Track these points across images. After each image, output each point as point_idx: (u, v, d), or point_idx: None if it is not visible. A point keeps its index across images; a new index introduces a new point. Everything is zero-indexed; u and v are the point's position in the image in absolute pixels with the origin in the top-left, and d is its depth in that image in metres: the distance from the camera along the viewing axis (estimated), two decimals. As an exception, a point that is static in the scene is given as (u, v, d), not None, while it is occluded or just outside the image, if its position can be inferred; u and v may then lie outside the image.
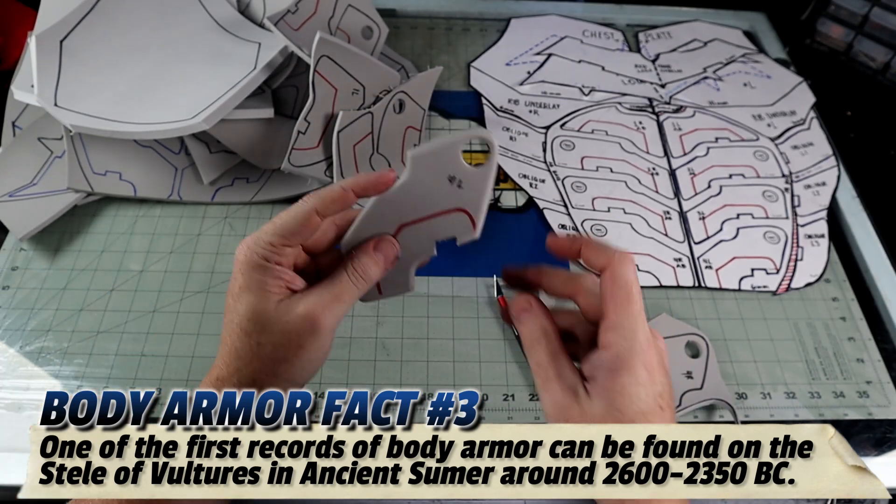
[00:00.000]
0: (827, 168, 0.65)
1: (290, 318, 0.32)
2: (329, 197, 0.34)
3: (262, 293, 0.33)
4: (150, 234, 0.57)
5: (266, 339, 0.32)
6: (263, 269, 0.33)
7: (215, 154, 0.59)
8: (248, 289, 0.33)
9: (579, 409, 0.32)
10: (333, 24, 0.59)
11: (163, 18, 0.56)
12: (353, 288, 0.34)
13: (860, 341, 0.54)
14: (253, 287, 0.33)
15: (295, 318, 0.32)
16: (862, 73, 0.79)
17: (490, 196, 0.34)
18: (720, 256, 0.58)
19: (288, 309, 0.33)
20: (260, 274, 0.33)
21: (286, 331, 0.33)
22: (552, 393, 0.33)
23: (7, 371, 0.49)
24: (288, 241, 0.33)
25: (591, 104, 0.70)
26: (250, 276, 0.33)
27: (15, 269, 0.55)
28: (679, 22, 0.81)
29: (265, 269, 0.33)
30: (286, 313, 0.33)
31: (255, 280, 0.33)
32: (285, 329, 0.32)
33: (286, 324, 0.32)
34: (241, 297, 0.33)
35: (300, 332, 0.33)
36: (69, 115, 0.49)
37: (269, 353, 0.33)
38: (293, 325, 0.33)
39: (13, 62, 0.66)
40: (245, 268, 0.33)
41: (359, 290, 0.34)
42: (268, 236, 0.33)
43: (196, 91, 0.52)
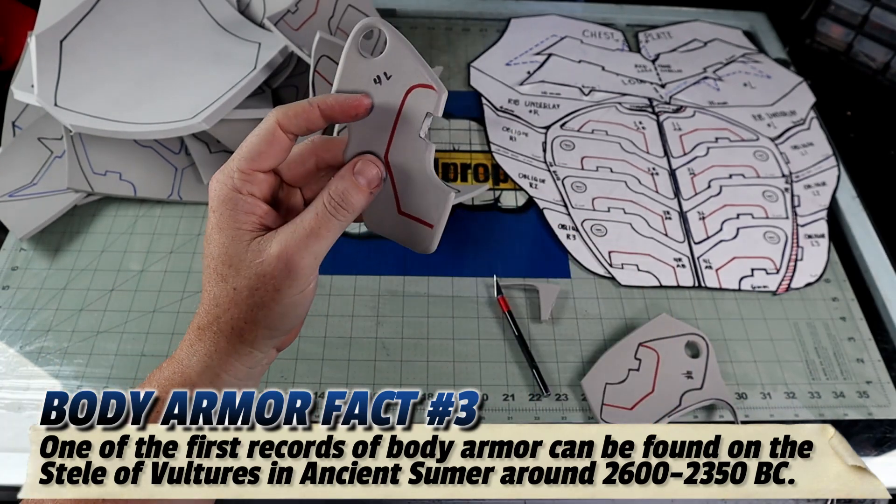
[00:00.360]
0: (827, 168, 0.65)
1: (263, 259, 0.30)
2: (293, 110, 0.30)
3: (234, 232, 0.30)
4: (150, 234, 0.57)
5: (241, 283, 0.30)
6: (234, 202, 0.30)
7: (215, 154, 0.59)
8: (219, 228, 0.30)
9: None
10: (333, 24, 0.59)
11: (163, 18, 0.56)
12: (332, 220, 0.31)
13: (860, 341, 0.54)
14: (224, 226, 0.30)
15: (268, 258, 0.30)
16: (862, 73, 0.79)
17: (417, 58, 0.33)
18: (720, 256, 0.58)
19: (260, 248, 0.30)
20: (230, 209, 0.30)
21: (260, 273, 0.30)
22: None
23: (7, 371, 0.49)
24: (258, 164, 0.30)
25: (591, 104, 0.70)
26: (221, 212, 0.30)
27: (15, 269, 0.55)
28: (679, 22, 0.81)
29: (236, 202, 0.30)
30: (258, 253, 0.30)
31: (227, 217, 0.30)
32: (259, 272, 0.30)
33: (259, 265, 0.30)
34: (213, 239, 0.30)
35: (274, 273, 0.30)
36: (69, 115, 0.49)
37: (246, 298, 0.30)
38: (266, 266, 0.30)
39: (13, 62, 0.66)
40: (216, 204, 0.30)
41: (339, 223, 0.31)
42: (235, 163, 0.30)
43: (196, 91, 0.52)
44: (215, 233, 0.30)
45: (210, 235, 0.31)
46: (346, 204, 0.31)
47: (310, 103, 0.31)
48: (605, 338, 0.53)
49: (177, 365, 0.32)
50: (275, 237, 0.30)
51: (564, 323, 0.54)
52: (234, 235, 0.30)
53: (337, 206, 0.31)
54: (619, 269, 0.56)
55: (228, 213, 0.30)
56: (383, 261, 0.57)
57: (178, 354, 0.33)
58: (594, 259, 0.57)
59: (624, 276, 0.56)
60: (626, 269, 0.56)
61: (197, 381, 0.31)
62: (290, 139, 0.31)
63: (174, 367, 0.32)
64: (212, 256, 0.31)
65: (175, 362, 0.33)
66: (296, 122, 0.31)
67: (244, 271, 0.30)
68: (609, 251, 0.57)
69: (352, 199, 0.31)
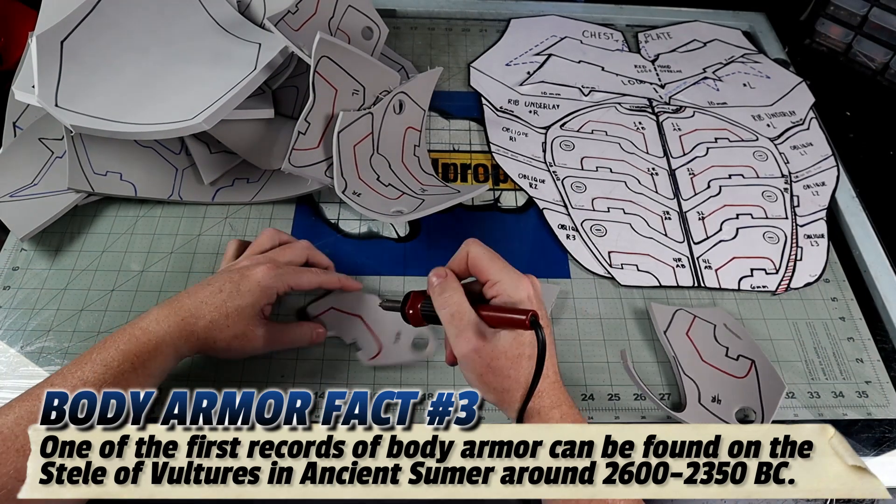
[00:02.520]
0: (826, 168, 0.66)
1: (253, 331, 0.45)
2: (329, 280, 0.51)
3: (254, 307, 0.45)
4: (150, 235, 0.57)
5: (233, 329, 0.44)
6: (270, 295, 0.46)
7: (216, 154, 0.59)
8: (252, 302, 0.45)
9: (491, 346, 0.39)
10: (334, 25, 0.59)
11: (163, 19, 0.56)
12: (290, 344, 0.49)
13: (859, 341, 0.54)
14: (255, 301, 0.45)
15: (256, 335, 0.46)
16: (861, 74, 0.79)
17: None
18: (720, 256, 0.58)
19: (256, 324, 0.45)
20: (267, 297, 0.46)
21: (241, 333, 0.45)
22: (467, 338, 0.39)
23: (8, 371, 0.49)
24: (293, 286, 0.47)
25: (590, 104, 0.70)
26: (259, 294, 0.45)
27: (16, 269, 0.55)
28: (678, 22, 0.81)
29: (270, 295, 0.46)
30: (253, 325, 0.45)
31: (261, 299, 0.45)
32: (244, 332, 0.45)
33: (247, 329, 0.45)
34: (243, 296, 0.45)
35: (251, 339, 0.45)
36: (70, 116, 0.49)
37: (227, 337, 0.44)
38: (251, 334, 0.45)
39: (14, 62, 0.66)
40: (262, 287, 0.45)
41: (292, 344, 0.49)
42: (285, 286, 0.46)
43: (196, 91, 0.52)
44: (248, 296, 0.45)
45: (241, 290, 0.45)
46: (301, 342, 0.50)
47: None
48: (604, 338, 0.53)
49: (139, 331, 0.42)
50: (266, 327, 0.46)
51: (564, 323, 0.54)
52: (253, 306, 0.45)
53: (297, 341, 0.49)
54: (619, 269, 0.56)
55: (265, 299, 0.45)
56: (383, 260, 0.57)
57: (143, 323, 0.43)
58: (594, 259, 0.57)
59: (624, 277, 0.56)
60: (626, 269, 0.56)
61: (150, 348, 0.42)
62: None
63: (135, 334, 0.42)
64: (232, 300, 0.45)
65: (140, 330, 0.42)
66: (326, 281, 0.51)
67: (239, 325, 0.45)
68: (609, 251, 0.57)
69: (306, 341, 0.50)
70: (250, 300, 0.44)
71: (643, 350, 0.52)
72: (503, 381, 0.39)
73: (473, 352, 0.39)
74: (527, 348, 0.39)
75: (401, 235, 0.59)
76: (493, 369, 0.39)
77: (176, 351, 0.43)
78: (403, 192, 0.57)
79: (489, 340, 0.39)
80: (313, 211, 0.60)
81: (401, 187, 0.57)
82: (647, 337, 0.53)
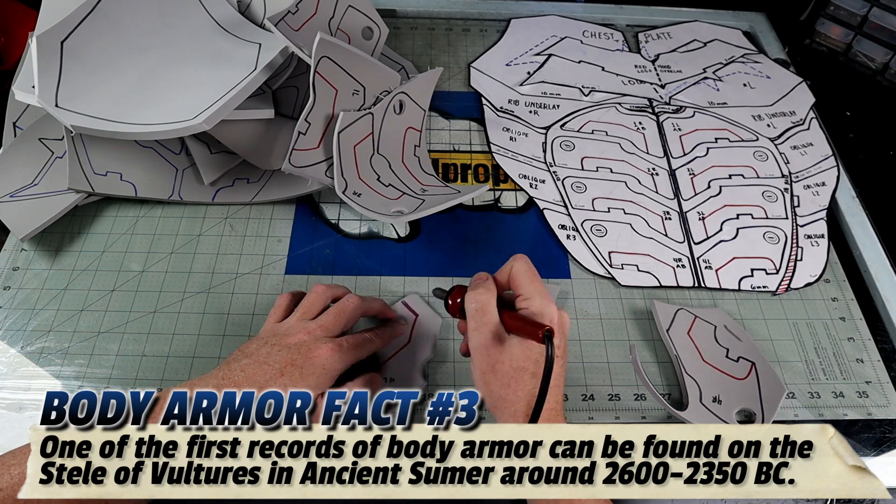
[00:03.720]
0: (826, 168, 0.66)
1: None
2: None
3: (319, 391, 0.42)
4: (150, 235, 0.57)
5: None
6: (332, 378, 0.42)
7: (216, 155, 0.59)
8: (315, 384, 0.41)
9: (501, 349, 0.40)
10: (334, 25, 0.59)
11: (163, 19, 0.56)
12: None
13: (859, 341, 0.54)
14: (319, 388, 0.41)
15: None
16: (861, 74, 0.79)
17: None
18: (720, 257, 0.58)
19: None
20: (329, 378, 0.42)
21: None
22: (482, 334, 0.41)
23: (8, 371, 0.49)
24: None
25: (591, 104, 0.70)
26: (325, 379, 0.42)
27: (16, 269, 0.55)
28: (679, 22, 0.81)
29: (332, 377, 0.42)
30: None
31: (323, 385, 0.42)
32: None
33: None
34: (306, 380, 0.41)
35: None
36: (70, 116, 0.49)
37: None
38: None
39: (14, 62, 0.66)
40: (326, 371, 0.42)
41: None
42: (347, 365, 0.43)
43: (197, 92, 0.52)
44: (311, 379, 0.41)
45: (304, 374, 0.41)
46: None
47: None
48: (604, 338, 0.53)
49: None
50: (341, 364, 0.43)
51: (564, 323, 0.54)
52: (316, 388, 0.41)
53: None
54: (619, 269, 0.56)
55: (327, 382, 0.42)
56: (383, 261, 0.57)
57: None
58: (594, 259, 0.57)
59: (624, 277, 0.56)
60: (626, 269, 0.56)
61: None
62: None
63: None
64: (294, 384, 0.41)
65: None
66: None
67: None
68: (609, 251, 0.57)
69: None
70: (313, 383, 0.41)
71: (644, 350, 0.52)
72: (502, 388, 0.39)
73: (483, 348, 0.40)
74: (532, 364, 0.39)
75: (401, 236, 0.59)
76: (496, 372, 0.40)
77: None
78: (404, 193, 0.57)
79: (501, 344, 0.40)
80: (313, 211, 0.60)
81: (401, 187, 0.57)
82: (648, 337, 0.53)
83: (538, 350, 0.40)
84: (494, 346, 0.40)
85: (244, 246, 0.57)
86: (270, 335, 0.44)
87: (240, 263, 0.56)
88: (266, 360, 0.41)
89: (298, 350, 0.42)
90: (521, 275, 0.43)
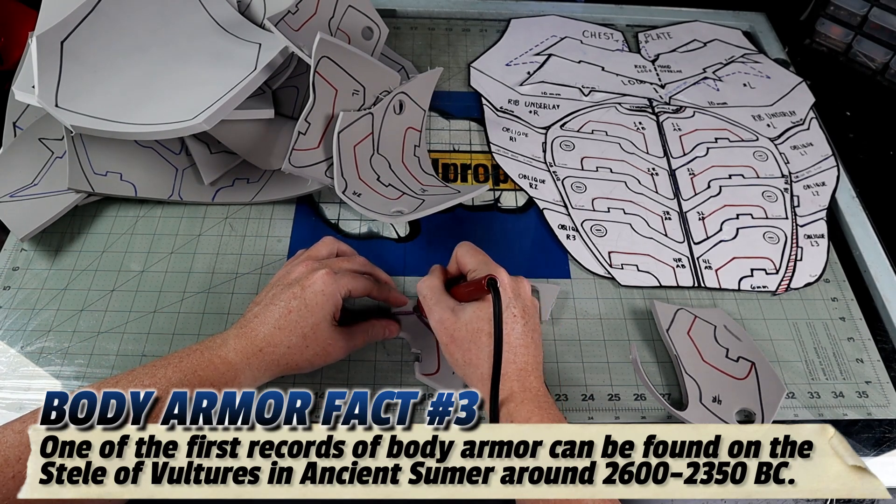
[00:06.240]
0: (826, 168, 0.66)
1: (333, 343, 0.45)
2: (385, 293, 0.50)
3: (330, 320, 0.44)
4: (150, 235, 0.57)
5: (311, 347, 0.44)
6: (336, 302, 0.45)
7: (216, 154, 0.59)
8: (323, 315, 0.44)
9: (455, 318, 0.43)
10: (334, 25, 0.59)
11: (163, 19, 0.56)
12: (365, 342, 0.48)
13: (859, 341, 0.54)
14: (328, 316, 0.44)
15: (337, 347, 0.45)
16: (861, 74, 0.79)
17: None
18: (720, 257, 0.58)
19: (335, 336, 0.45)
20: (335, 306, 0.44)
21: (325, 351, 0.44)
22: (436, 311, 0.44)
23: (8, 371, 0.49)
24: (353, 293, 0.46)
25: (590, 104, 0.70)
26: (329, 305, 0.44)
27: (16, 269, 0.55)
28: (679, 22, 0.81)
29: (336, 301, 0.45)
30: (333, 338, 0.45)
31: (330, 312, 0.44)
32: (326, 350, 0.44)
33: (329, 345, 0.44)
34: (313, 312, 0.43)
35: (332, 354, 0.45)
36: (70, 116, 0.49)
37: (308, 357, 0.44)
38: (332, 349, 0.45)
39: (14, 62, 0.66)
40: (326, 296, 0.44)
41: (366, 342, 0.48)
42: (345, 290, 0.45)
43: (196, 92, 0.52)
44: (317, 310, 0.43)
45: (309, 305, 0.43)
46: (375, 338, 0.50)
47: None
48: (605, 338, 0.53)
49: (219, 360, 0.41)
50: (342, 334, 0.45)
51: (564, 323, 0.54)
52: (326, 319, 0.44)
53: (372, 338, 0.49)
54: (619, 269, 0.56)
55: (332, 306, 0.44)
56: (383, 261, 0.57)
57: (225, 355, 0.42)
58: (594, 259, 0.57)
59: (624, 277, 0.56)
60: (626, 269, 0.56)
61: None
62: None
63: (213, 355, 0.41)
64: (304, 320, 0.43)
65: (219, 359, 0.41)
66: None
67: (318, 343, 0.44)
68: (609, 251, 0.57)
69: (379, 337, 0.50)
70: (321, 314, 0.43)
71: (644, 350, 0.52)
72: (465, 354, 0.42)
73: (440, 323, 0.44)
74: (486, 324, 0.42)
75: (401, 236, 0.59)
76: (455, 340, 0.43)
77: (255, 381, 0.43)
78: (403, 193, 0.57)
79: (454, 314, 0.43)
80: (313, 211, 0.60)
81: (401, 187, 0.57)
82: (648, 337, 0.53)
83: (488, 309, 0.41)
84: (450, 318, 0.43)
85: (244, 246, 0.57)
86: (276, 279, 0.47)
87: (240, 263, 0.56)
88: (273, 300, 0.44)
89: (298, 283, 0.44)
90: (465, 254, 0.46)
